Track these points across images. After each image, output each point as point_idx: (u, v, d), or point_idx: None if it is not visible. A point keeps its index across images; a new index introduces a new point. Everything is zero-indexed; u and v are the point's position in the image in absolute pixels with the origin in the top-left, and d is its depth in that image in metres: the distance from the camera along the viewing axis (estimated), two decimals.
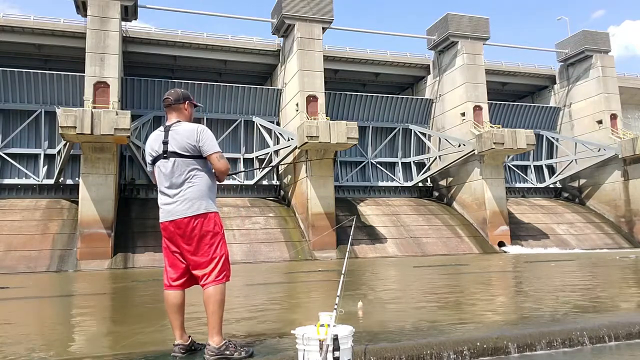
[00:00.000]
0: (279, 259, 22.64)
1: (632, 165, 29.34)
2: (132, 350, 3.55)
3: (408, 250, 24.86)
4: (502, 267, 14.56)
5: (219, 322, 3.11)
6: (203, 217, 3.19)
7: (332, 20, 27.13)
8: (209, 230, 3.20)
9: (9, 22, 25.39)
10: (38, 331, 5.00)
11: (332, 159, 25.52)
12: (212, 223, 3.22)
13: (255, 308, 6.25)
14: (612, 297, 6.32)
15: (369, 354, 3.18)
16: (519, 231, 27.99)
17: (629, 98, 35.17)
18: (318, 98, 25.83)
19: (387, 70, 32.45)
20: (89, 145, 21.33)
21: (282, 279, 13.00)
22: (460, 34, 29.46)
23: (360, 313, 5.08)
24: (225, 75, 30.89)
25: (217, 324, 3.10)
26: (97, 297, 9.31)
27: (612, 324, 3.99)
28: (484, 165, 27.14)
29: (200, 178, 3.23)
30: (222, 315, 3.15)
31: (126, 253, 21.54)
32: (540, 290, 7.61)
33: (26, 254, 20.38)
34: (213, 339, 3.08)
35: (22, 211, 23.08)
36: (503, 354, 3.52)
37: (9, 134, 25.57)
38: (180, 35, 28.28)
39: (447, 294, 7.60)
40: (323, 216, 24.13)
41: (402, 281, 11.04)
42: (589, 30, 33.03)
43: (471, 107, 28.58)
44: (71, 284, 13.78)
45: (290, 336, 2.98)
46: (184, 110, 3.36)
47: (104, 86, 22.62)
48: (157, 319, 5.52)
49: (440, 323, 4.43)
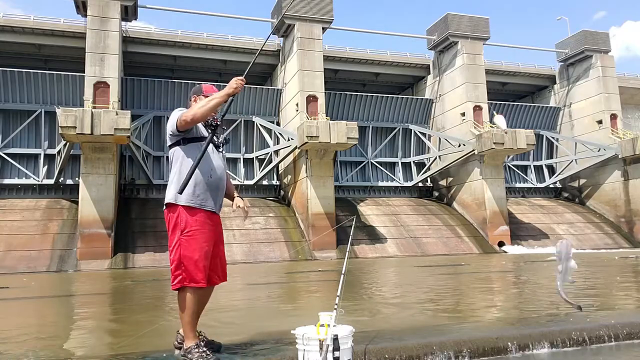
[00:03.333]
0: (279, 259, 22.64)
1: (632, 165, 29.33)
2: (132, 350, 3.55)
3: (408, 250, 24.86)
4: (502, 267, 14.56)
5: (186, 327, 3.11)
6: (169, 208, 3.16)
7: (332, 20, 27.13)
8: (170, 224, 3.13)
9: (9, 22, 25.40)
10: (37, 331, 5.00)
11: (332, 159, 25.52)
12: (175, 216, 3.09)
13: (255, 308, 6.25)
14: (612, 297, 6.32)
15: (369, 354, 3.18)
16: (519, 231, 27.99)
17: (629, 98, 35.17)
18: (318, 98, 25.83)
19: (387, 70, 32.45)
20: (89, 145, 21.32)
21: (282, 279, 13.00)
22: (460, 34, 29.47)
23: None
24: (225, 75, 30.88)
25: (186, 328, 3.12)
26: (97, 297, 9.31)
27: (612, 324, 3.99)
28: (484, 165, 27.14)
29: (176, 166, 3.18)
30: (189, 321, 3.09)
31: (126, 253, 21.53)
32: (540, 290, 7.61)
33: (26, 254, 20.37)
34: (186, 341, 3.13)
35: (22, 211, 23.08)
36: (503, 354, 3.52)
37: (9, 134, 25.57)
38: (180, 35, 28.28)
39: (447, 294, 7.60)
40: (323, 216, 24.13)
41: (402, 281, 11.05)
42: (589, 30, 33.04)
43: (471, 107, 28.58)
44: (71, 284, 13.78)
45: (290, 336, 2.98)
46: (191, 104, 3.33)
47: (104, 86, 22.62)
48: (157, 319, 5.52)
49: (440, 323, 4.43)
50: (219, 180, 3.23)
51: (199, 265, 3.04)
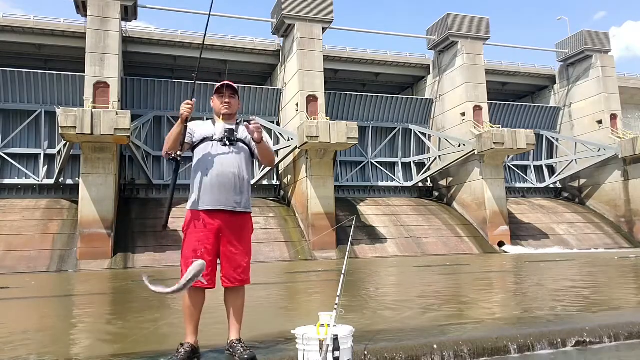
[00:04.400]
0: (279, 259, 22.64)
1: (632, 165, 29.33)
2: (132, 350, 3.56)
3: (408, 250, 24.85)
4: (502, 267, 14.56)
5: (184, 323, 3.19)
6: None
7: (332, 20, 27.13)
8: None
9: (9, 22, 25.39)
10: (37, 331, 5.00)
11: (332, 159, 25.52)
12: (185, 219, 3.27)
13: (255, 308, 6.25)
14: (611, 297, 6.33)
15: (369, 354, 3.18)
16: (519, 231, 27.98)
17: (629, 98, 35.17)
18: (318, 98, 25.83)
19: (387, 70, 32.44)
20: (89, 145, 21.32)
21: (282, 279, 13.00)
22: (460, 34, 29.46)
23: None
24: (225, 75, 30.85)
25: (184, 324, 3.20)
26: (98, 297, 9.31)
27: (612, 324, 3.99)
28: (484, 165, 27.13)
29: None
30: (184, 318, 3.18)
31: (126, 253, 21.52)
32: (540, 290, 7.61)
33: (26, 254, 20.36)
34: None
35: (22, 211, 23.08)
36: (503, 354, 3.52)
37: (9, 134, 25.56)
38: (180, 35, 28.27)
39: (447, 294, 7.60)
40: (323, 216, 24.13)
41: (402, 281, 11.05)
42: (589, 30, 33.03)
43: (471, 107, 28.58)
44: (71, 284, 13.78)
45: (290, 336, 2.98)
46: (212, 104, 3.47)
47: (104, 86, 22.61)
48: (157, 319, 5.53)
49: (440, 323, 4.43)
50: (215, 178, 3.20)
51: (188, 263, 3.05)
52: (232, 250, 3.18)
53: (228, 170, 3.22)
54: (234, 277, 3.17)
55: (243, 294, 3.27)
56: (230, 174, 3.22)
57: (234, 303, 3.21)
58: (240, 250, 3.21)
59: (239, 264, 3.19)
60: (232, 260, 3.18)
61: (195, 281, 2.92)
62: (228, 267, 3.17)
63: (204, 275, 3.05)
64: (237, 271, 3.18)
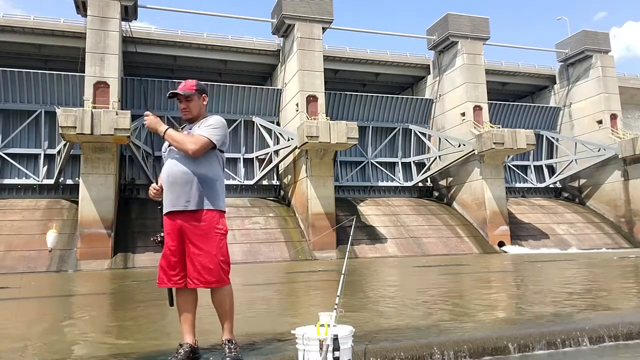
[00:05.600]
0: (279, 259, 22.65)
1: (632, 165, 29.33)
2: (132, 350, 3.56)
3: (408, 250, 24.86)
4: (501, 267, 14.56)
5: (180, 324, 3.25)
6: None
7: (332, 20, 27.13)
8: None
9: (9, 22, 25.39)
10: (37, 331, 5.00)
11: (332, 159, 25.52)
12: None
13: (255, 308, 6.25)
14: (611, 297, 6.33)
15: (369, 354, 3.18)
16: (519, 231, 27.98)
17: (629, 98, 35.17)
18: (318, 98, 25.83)
19: (387, 70, 32.44)
20: (89, 145, 21.33)
21: (282, 279, 13.00)
22: (460, 34, 29.47)
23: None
24: (225, 75, 30.88)
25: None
26: (98, 297, 9.31)
27: (612, 324, 3.99)
28: (484, 165, 27.13)
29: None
30: (180, 320, 3.24)
31: (126, 253, 21.53)
32: (540, 290, 7.61)
33: (26, 254, 20.37)
34: None
35: (22, 211, 23.08)
36: (503, 354, 3.52)
37: (9, 134, 25.57)
38: (180, 35, 28.28)
39: (447, 294, 7.60)
40: (323, 216, 24.13)
41: (402, 281, 11.05)
42: (589, 30, 33.03)
43: (471, 107, 28.58)
44: (71, 284, 13.78)
45: (290, 336, 2.98)
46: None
47: (104, 86, 22.62)
48: (158, 319, 5.53)
49: (440, 323, 4.43)
50: (166, 179, 3.21)
51: (161, 264, 3.19)
52: (194, 251, 3.09)
53: (176, 169, 3.17)
54: (197, 278, 3.07)
55: (225, 295, 3.16)
56: (178, 173, 3.16)
57: (216, 304, 3.18)
58: (204, 250, 3.07)
59: (204, 265, 3.06)
60: (194, 262, 3.09)
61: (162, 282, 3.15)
62: (191, 269, 3.10)
63: (172, 276, 3.13)
64: (202, 272, 3.06)
